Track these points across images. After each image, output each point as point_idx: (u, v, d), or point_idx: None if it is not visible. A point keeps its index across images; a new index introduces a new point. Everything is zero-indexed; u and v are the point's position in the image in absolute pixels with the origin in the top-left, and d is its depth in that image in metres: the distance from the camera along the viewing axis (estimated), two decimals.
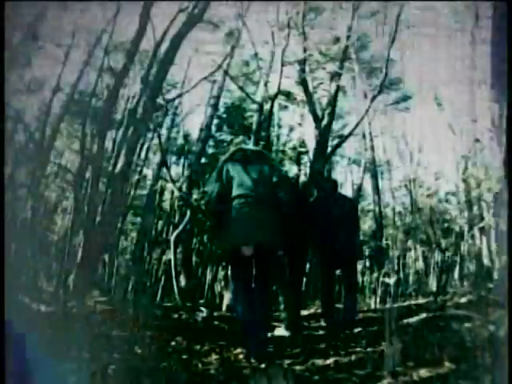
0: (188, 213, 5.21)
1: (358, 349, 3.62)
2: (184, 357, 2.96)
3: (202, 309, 4.80)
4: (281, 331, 4.06)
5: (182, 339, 3.23)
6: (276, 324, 4.26)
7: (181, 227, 5.10)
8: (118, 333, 3.40)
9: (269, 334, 3.67)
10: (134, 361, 2.89)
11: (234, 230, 3.27)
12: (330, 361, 3.25)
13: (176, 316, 3.93)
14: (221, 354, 2.97)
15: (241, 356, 2.96)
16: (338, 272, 5.11)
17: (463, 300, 5.83)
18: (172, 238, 4.48)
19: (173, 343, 3.18)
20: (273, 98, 6.58)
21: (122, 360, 2.90)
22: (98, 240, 5.63)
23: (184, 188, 7.21)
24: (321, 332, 4.25)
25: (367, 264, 8.06)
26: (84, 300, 5.35)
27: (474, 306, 5.16)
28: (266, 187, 3.36)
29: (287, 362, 3.02)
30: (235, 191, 3.33)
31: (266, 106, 8.02)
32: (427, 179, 9.58)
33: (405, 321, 4.75)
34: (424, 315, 4.88)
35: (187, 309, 4.32)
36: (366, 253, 9.43)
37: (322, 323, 4.75)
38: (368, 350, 3.62)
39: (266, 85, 6.71)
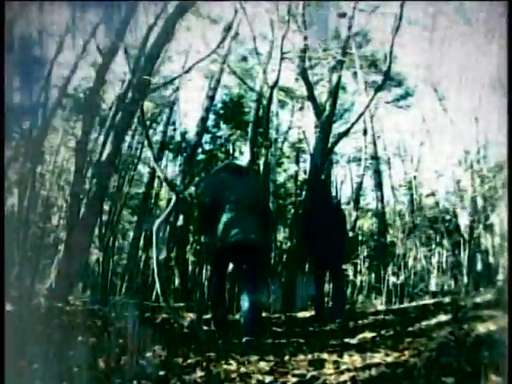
0: (173, 198, 4.40)
1: (377, 360, 2.77)
2: (161, 373, 2.12)
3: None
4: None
5: (162, 349, 2.39)
6: None
7: (164, 214, 4.31)
8: (83, 339, 2.55)
9: None
10: (95, 378, 2.06)
11: (222, 231, 3.34)
12: (345, 377, 2.42)
13: (158, 319, 3.08)
14: (208, 370, 2.13)
15: (233, 374, 2.12)
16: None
17: (479, 300, 5.01)
18: (154, 228, 3.68)
19: (148, 354, 2.33)
20: (272, 87, 5.80)
21: (80, 376, 2.07)
22: (81, 235, 4.82)
23: (178, 182, 6.43)
24: (332, 340, 3.36)
25: (370, 263, 7.24)
26: (66, 299, 4.54)
27: (494, 306, 4.38)
28: (252, 197, 3.55)
29: (293, 380, 2.18)
30: (226, 198, 3.43)
31: (264, 102, 7.30)
32: (429, 177, 8.82)
33: (423, 323, 3.94)
34: (443, 317, 4.07)
35: (172, 310, 3.48)
36: (365, 253, 8.62)
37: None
38: (388, 359, 2.79)
39: (264, 72, 5.93)
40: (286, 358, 2.58)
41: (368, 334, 3.47)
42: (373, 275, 7.34)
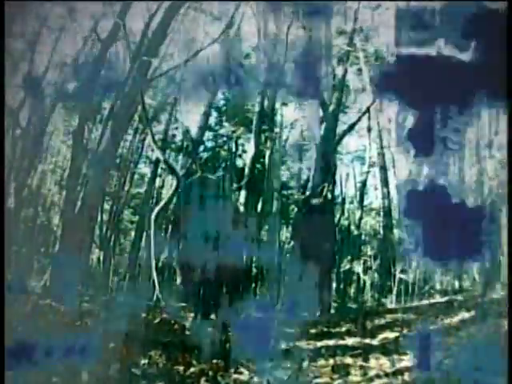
0: (174, 184, 3.97)
1: (407, 363, 2.32)
2: None
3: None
4: None
5: (159, 355, 1.92)
6: None
7: (165, 201, 3.88)
8: (69, 342, 2.09)
9: None
10: None
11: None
12: None
13: (157, 320, 2.60)
14: (214, 380, 1.67)
15: None
16: None
17: (496, 296, 4.56)
18: (152, 216, 3.25)
19: (144, 361, 1.86)
20: (277, 78, 5.38)
21: None
22: (78, 231, 4.36)
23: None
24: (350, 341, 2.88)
25: (378, 261, 6.79)
26: (60, 298, 4.08)
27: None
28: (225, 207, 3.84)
29: None
30: (197, 209, 3.69)
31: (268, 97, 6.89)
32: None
33: (446, 321, 3.48)
34: (465, 315, 3.62)
35: (172, 310, 3.00)
36: (371, 251, 8.18)
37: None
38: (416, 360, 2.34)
39: (270, 60, 5.52)
40: (305, 363, 2.12)
41: (390, 334, 3.02)
42: (381, 273, 6.89)
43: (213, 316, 3.01)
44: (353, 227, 8.40)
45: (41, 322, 2.74)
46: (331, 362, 2.21)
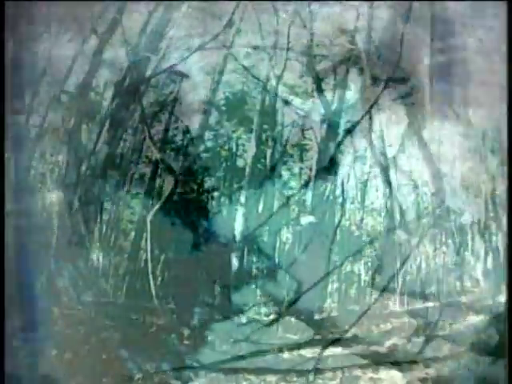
0: (172, 182, 3.82)
1: (418, 373, 2.15)
2: None
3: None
4: None
5: (154, 369, 1.74)
6: None
7: (162, 201, 3.73)
8: (58, 352, 1.92)
9: None
10: None
11: None
12: None
13: (153, 328, 2.41)
14: None
15: None
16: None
17: (503, 299, 4.40)
18: (149, 218, 3.10)
19: (137, 376, 1.69)
20: (279, 76, 5.25)
21: None
22: (76, 229, 4.22)
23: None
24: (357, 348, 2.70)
25: (380, 262, 6.65)
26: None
27: None
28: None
29: None
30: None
31: (270, 95, 6.73)
32: (434, 174, 8.23)
33: (454, 326, 3.32)
34: (475, 318, 3.45)
35: (169, 313, 2.82)
36: (373, 252, 8.01)
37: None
38: (431, 372, 2.17)
39: (271, 60, 5.38)
40: (311, 377, 1.95)
41: (398, 341, 2.85)
42: (383, 275, 6.75)
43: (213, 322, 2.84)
44: (354, 228, 8.29)
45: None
46: (339, 373, 2.04)
